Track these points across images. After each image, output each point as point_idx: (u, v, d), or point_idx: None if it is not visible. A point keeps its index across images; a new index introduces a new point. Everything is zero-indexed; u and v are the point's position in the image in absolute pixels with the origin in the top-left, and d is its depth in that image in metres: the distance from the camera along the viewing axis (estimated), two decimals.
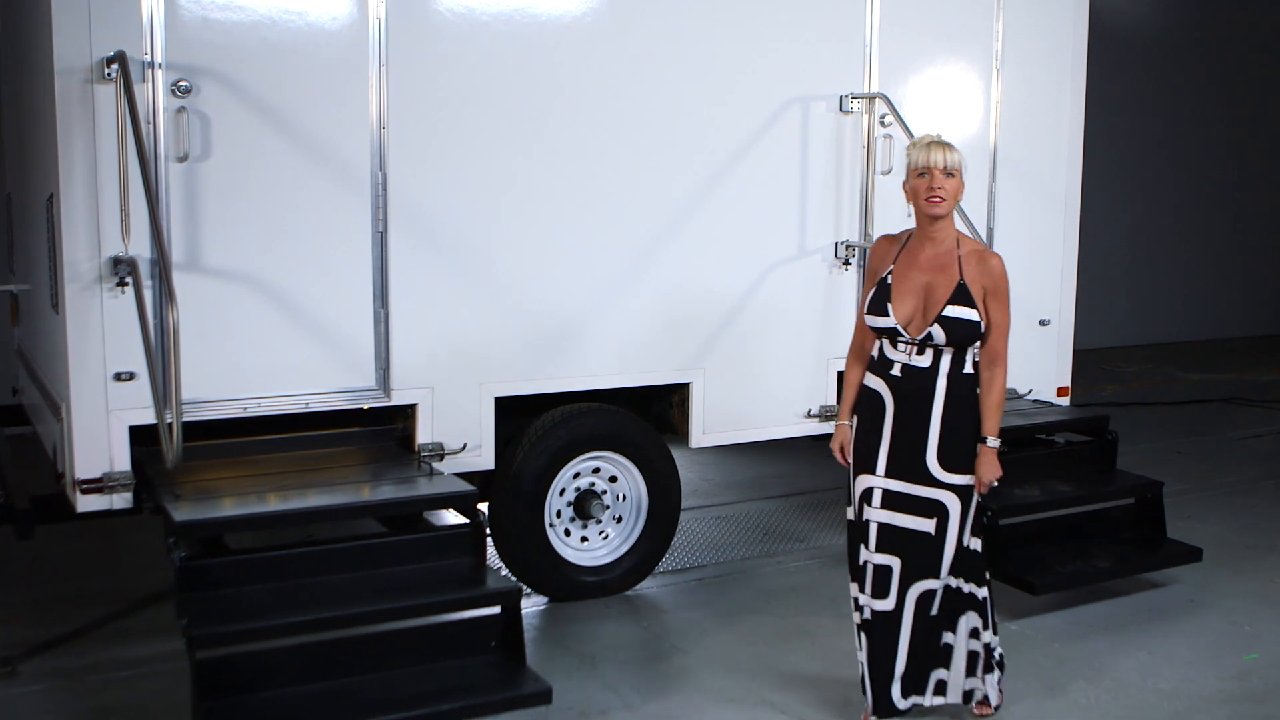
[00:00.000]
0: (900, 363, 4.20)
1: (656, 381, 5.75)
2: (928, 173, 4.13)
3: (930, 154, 4.13)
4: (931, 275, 4.16)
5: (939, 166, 4.11)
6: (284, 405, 4.94)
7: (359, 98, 4.95)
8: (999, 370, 4.21)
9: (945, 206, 4.14)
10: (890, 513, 4.24)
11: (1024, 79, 6.69)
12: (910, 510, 4.23)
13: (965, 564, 4.30)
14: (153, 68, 4.58)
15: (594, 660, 5.03)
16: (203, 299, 4.75)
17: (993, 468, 4.21)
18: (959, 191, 4.17)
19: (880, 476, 4.25)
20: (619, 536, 5.80)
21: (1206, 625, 5.50)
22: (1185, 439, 9.51)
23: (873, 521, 4.26)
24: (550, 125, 5.35)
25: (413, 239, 5.11)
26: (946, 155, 4.12)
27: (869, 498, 4.27)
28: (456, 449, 5.27)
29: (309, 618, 4.12)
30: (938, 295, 4.13)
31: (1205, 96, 14.88)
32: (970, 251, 4.20)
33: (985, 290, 4.15)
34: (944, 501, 4.22)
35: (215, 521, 4.28)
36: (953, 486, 4.21)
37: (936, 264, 4.18)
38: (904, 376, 4.20)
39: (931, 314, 4.13)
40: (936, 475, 4.20)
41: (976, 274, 4.15)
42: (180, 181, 4.68)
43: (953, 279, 4.14)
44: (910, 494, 4.22)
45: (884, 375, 4.25)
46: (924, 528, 4.22)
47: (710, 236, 5.76)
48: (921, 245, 4.23)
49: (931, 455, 4.19)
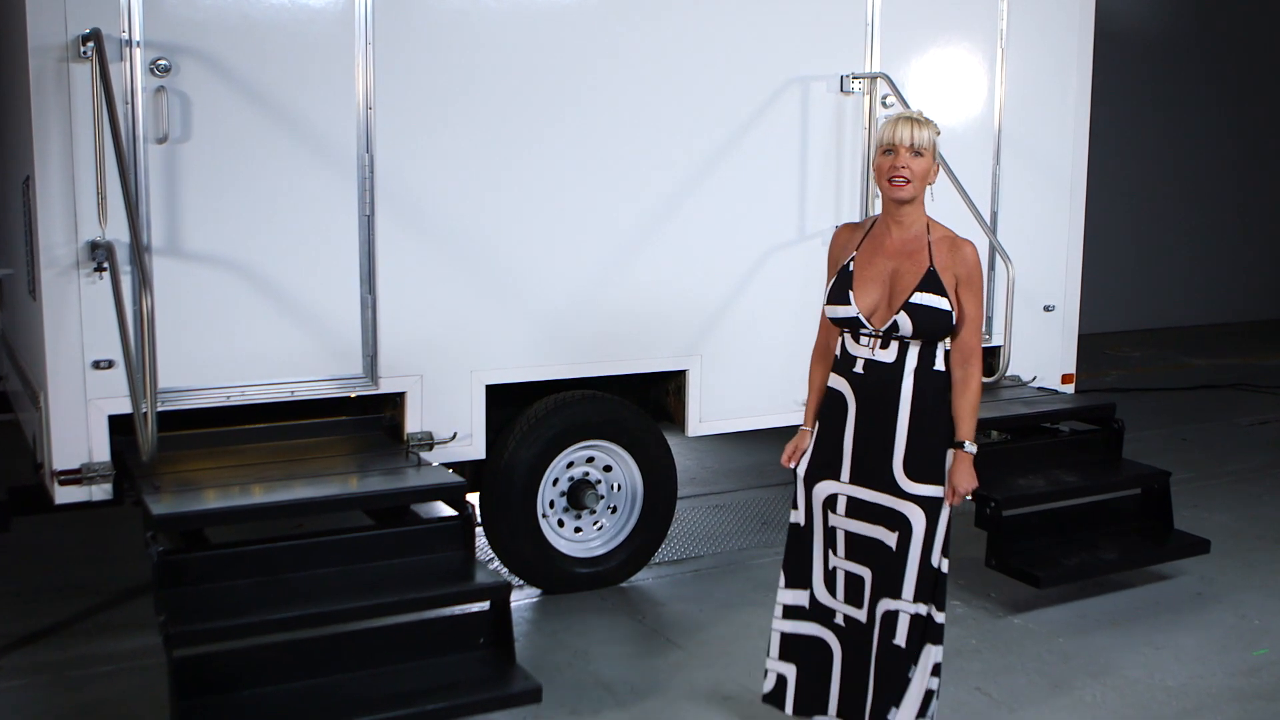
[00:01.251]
0: (863, 358, 3.78)
1: (652, 369, 5.62)
2: (893, 150, 3.72)
3: (897, 130, 3.72)
4: (898, 261, 3.76)
5: (905, 144, 3.71)
6: (268, 394, 4.81)
7: (345, 77, 4.80)
8: (973, 368, 3.77)
9: (910, 189, 3.73)
10: (855, 521, 3.83)
11: (1029, 59, 6.54)
12: (875, 519, 3.80)
13: (929, 585, 3.79)
14: (130, 46, 4.44)
15: (587, 655, 4.91)
16: (184, 284, 4.61)
17: (969, 477, 3.75)
18: (928, 173, 3.76)
19: (844, 483, 3.84)
20: (614, 527, 5.67)
21: (1214, 619, 5.37)
22: (1191, 425, 9.38)
23: (839, 529, 3.87)
24: (544, 106, 5.21)
25: (401, 222, 4.97)
26: (915, 132, 3.72)
27: (833, 504, 3.87)
28: (446, 438, 5.14)
29: (291, 614, 3.99)
30: (905, 282, 3.72)
31: (1209, 80, 14.70)
32: (941, 238, 3.81)
33: (957, 279, 3.74)
34: (907, 515, 3.75)
35: (195, 515, 4.15)
36: (919, 499, 3.74)
37: (904, 250, 3.78)
38: (867, 373, 3.77)
39: (897, 302, 3.71)
40: (902, 485, 3.74)
41: (948, 261, 3.74)
42: (160, 164, 4.54)
43: (921, 265, 3.73)
44: (875, 503, 3.79)
45: (846, 374, 3.83)
46: (887, 540, 3.78)
47: (708, 220, 5.62)
48: (887, 230, 3.83)
49: (898, 463, 3.74)
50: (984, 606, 5.47)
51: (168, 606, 3.92)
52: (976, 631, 5.20)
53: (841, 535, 3.88)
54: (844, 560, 3.89)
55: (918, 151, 3.72)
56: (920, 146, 3.72)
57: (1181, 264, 14.85)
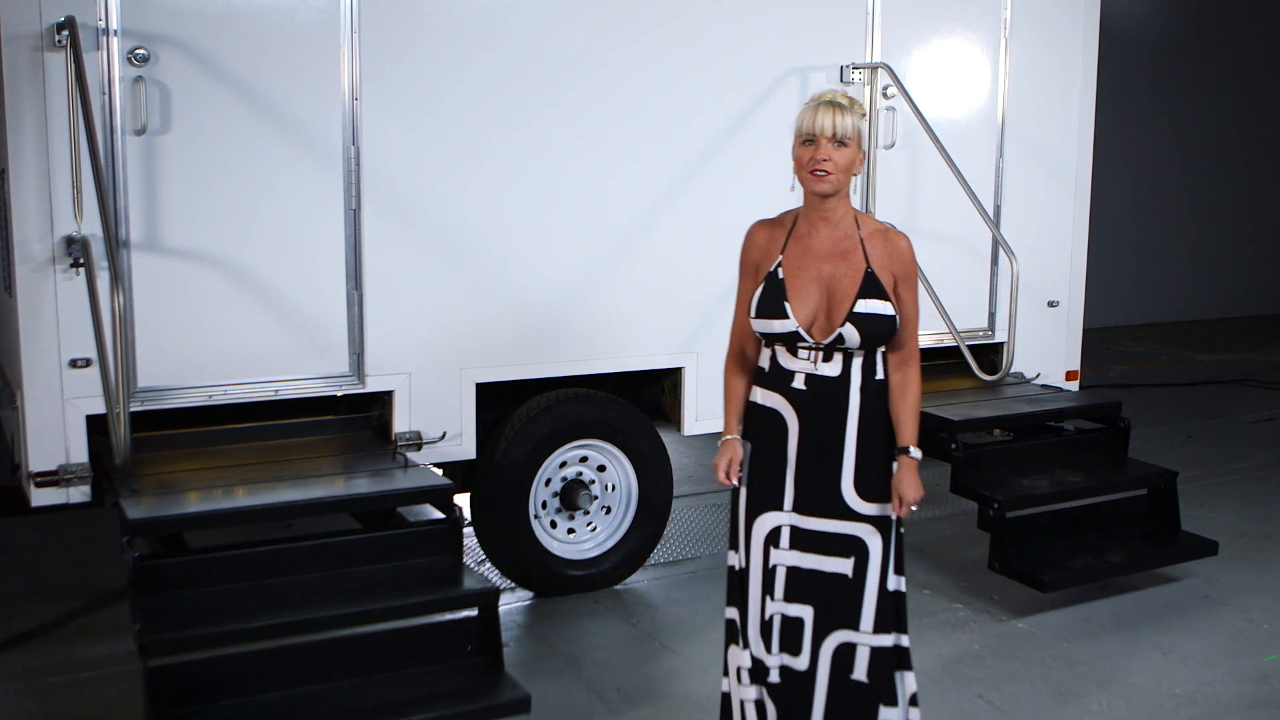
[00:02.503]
0: (803, 373, 3.40)
1: (647, 366, 5.49)
2: (813, 140, 3.33)
3: (817, 117, 3.31)
4: (832, 264, 3.38)
5: (826, 134, 3.30)
6: (252, 393, 4.68)
7: (330, 67, 4.66)
8: (913, 369, 3.46)
9: (832, 182, 3.33)
10: (800, 554, 3.44)
11: (1033, 49, 6.41)
12: (823, 550, 3.44)
13: (889, 611, 3.47)
14: (108, 34, 4.30)
15: (579, 661, 4.78)
16: (164, 280, 4.48)
17: (916, 485, 3.41)
18: (852, 164, 3.36)
19: (788, 512, 3.45)
20: (607, 528, 5.54)
21: (1223, 623, 5.24)
22: (1196, 422, 9.24)
23: (780, 566, 3.45)
24: (535, 97, 5.08)
25: (388, 216, 4.84)
26: (838, 119, 3.30)
27: (775, 539, 3.46)
28: (435, 438, 5.02)
29: (272, 622, 3.86)
30: (844, 288, 3.36)
31: (1214, 73, 14.56)
32: (873, 232, 3.44)
33: (895, 277, 3.40)
34: (863, 538, 3.43)
35: (172, 519, 4.01)
36: (872, 519, 3.43)
37: (836, 250, 3.40)
38: (809, 390, 3.40)
39: (839, 312, 3.35)
40: (853, 506, 3.42)
41: (884, 259, 3.40)
42: (138, 156, 4.41)
43: (859, 267, 3.37)
44: (824, 531, 3.43)
45: (782, 390, 3.43)
46: (839, 569, 3.43)
47: (703, 213, 5.49)
48: (814, 229, 3.43)
49: (848, 484, 3.41)
50: (987, 610, 5.34)
51: (143, 614, 3.79)
52: (979, 636, 5.07)
53: (782, 574, 3.46)
54: (782, 604, 3.47)
55: (841, 141, 3.32)
56: (844, 135, 3.32)
57: (1185, 258, 14.72)
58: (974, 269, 6.39)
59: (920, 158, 6.05)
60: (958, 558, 6.00)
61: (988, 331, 6.43)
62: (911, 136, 5.98)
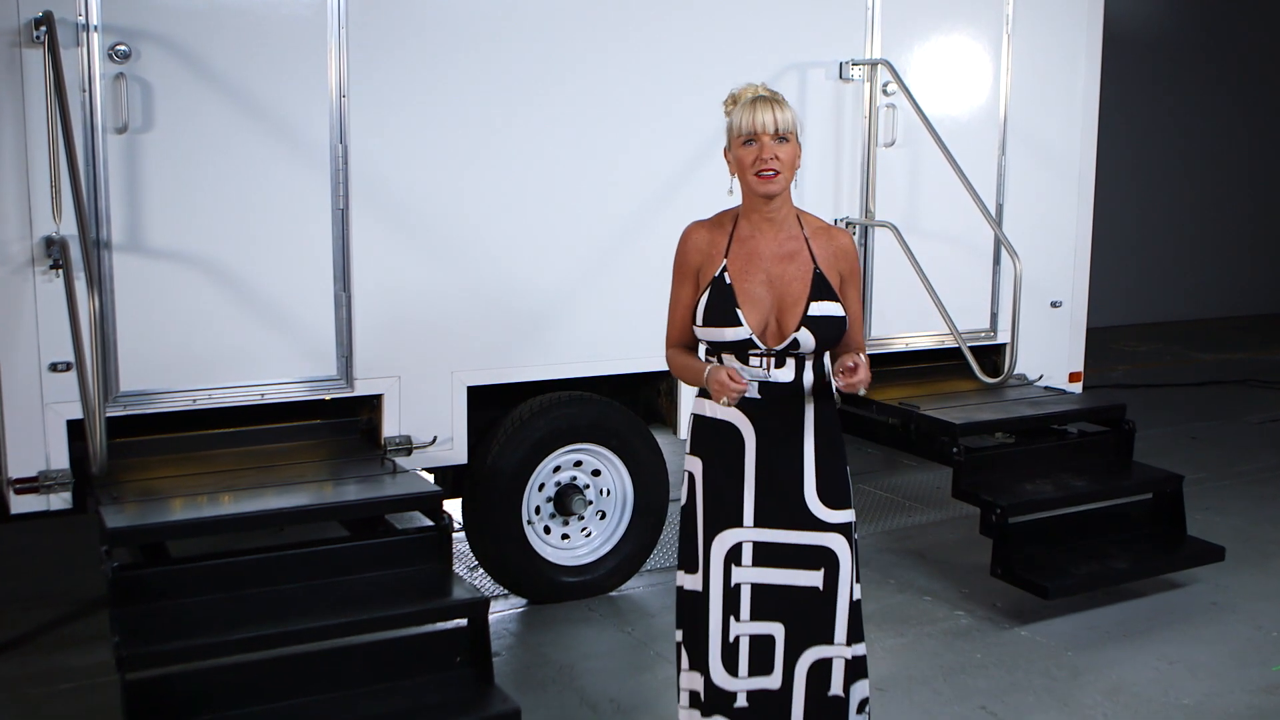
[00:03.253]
0: (756, 381, 3.27)
1: (642, 369, 5.38)
2: (755, 139, 3.19)
3: (756, 114, 3.17)
4: (780, 266, 3.26)
5: (768, 130, 3.17)
6: (237, 397, 4.58)
7: (317, 63, 4.55)
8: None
9: (780, 182, 3.20)
10: (765, 569, 3.30)
11: (1037, 45, 6.29)
12: (791, 563, 3.30)
13: (857, 620, 3.39)
14: (88, 30, 4.19)
15: (571, 671, 4.67)
16: (147, 282, 4.37)
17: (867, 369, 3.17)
18: (796, 159, 3.23)
19: (749, 528, 3.30)
20: (602, 534, 5.44)
21: (1230, 631, 5.14)
22: (1200, 423, 9.13)
23: (744, 585, 3.31)
24: (529, 93, 4.97)
25: (377, 216, 4.73)
26: (778, 114, 3.17)
27: (736, 557, 3.30)
28: (426, 442, 4.91)
29: (255, 634, 3.75)
30: (794, 291, 3.24)
31: (1215, 71, 14.46)
32: (817, 229, 3.33)
33: (841, 276, 3.31)
34: (831, 547, 3.30)
35: (152, 528, 3.91)
36: (838, 526, 3.31)
37: (782, 251, 3.27)
38: (765, 397, 3.26)
39: (791, 316, 3.22)
40: (819, 515, 3.29)
41: (829, 258, 3.29)
42: (120, 155, 4.30)
43: (807, 268, 3.26)
44: (790, 543, 3.30)
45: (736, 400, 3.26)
46: (810, 582, 3.30)
47: (699, 211, 5.35)
48: (757, 230, 3.29)
49: (811, 491, 3.29)
50: (989, 617, 5.23)
51: (122, 625, 3.68)
52: (981, 644, 4.96)
53: (747, 592, 3.31)
54: (749, 623, 3.32)
55: (782, 136, 3.19)
56: (785, 130, 3.18)
57: (1188, 256, 14.61)
58: (976, 269, 6.28)
59: (921, 156, 5.94)
60: (959, 563, 5.89)
61: (989, 332, 6.32)
62: (912, 134, 5.87)
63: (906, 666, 4.75)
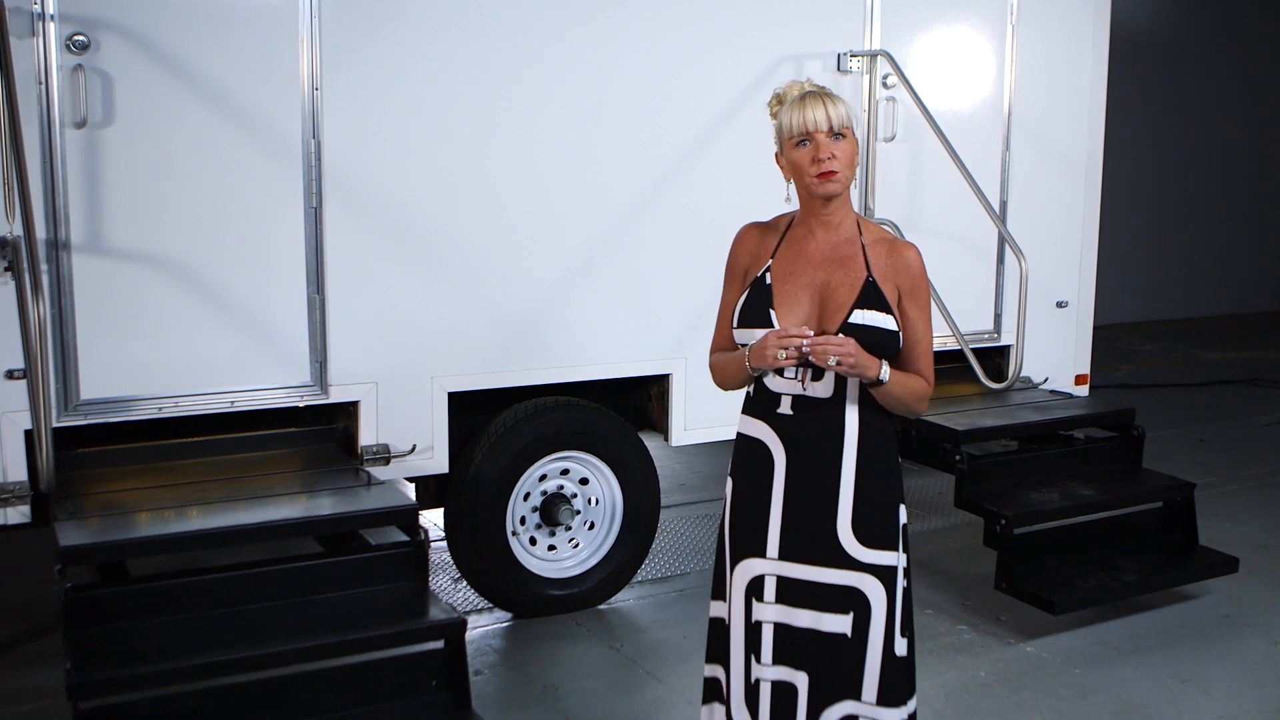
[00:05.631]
0: (790, 395, 2.97)
1: (632, 373, 5.17)
2: (809, 139, 2.95)
3: (808, 112, 2.93)
4: (828, 271, 2.99)
5: (823, 128, 2.93)
6: (205, 404, 4.36)
7: (288, 54, 4.34)
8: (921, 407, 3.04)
9: (841, 180, 2.95)
10: (788, 608, 2.99)
11: (1042, 37, 6.08)
12: (816, 604, 2.98)
13: (900, 680, 3.02)
14: (44, 19, 3.98)
15: (556, 691, 4.46)
16: (109, 284, 4.16)
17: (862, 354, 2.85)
18: (854, 156, 2.98)
19: (772, 560, 3.00)
20: (590, 545, 5.22)
21: (1245, 647, 4.92)
22: (1207, 425, 8.91)
23: (765, 623, 3.01)
24: (513, 87, 4.75)
25: (352, 215, 4.51)
26: (831, 110, 2.93)
27: (758, 590, 3.01)
28: (404, 451, 4.70)
29: (218, 659, 3.54)
30: (840, 296, 2.96)
31: (1221, 69, 14.25)
32: (877, 240, 3.04)
33: (900, 290, 3.00)
34: (863, 590, 2.96)
35: (109, 546, 3.69)
36: (875, 569, 2.97)
37: (834, 256, 3.01)
38: (797, 414, 2.97)
39: (832, 323, 2.95)
40: (852, 553, 2.95)
41: (888, 269, 2.99)
42: (79, 151, 4.08)
43: (858, 275, 2.97)
44: (816, 581, 2.98)
45: (767, 417, 3.01)
46: (838, 628, 2.97)
47: (692, 211, 5.16)
48: (810, 233, 3.04)
49: (844, 525, 2.95)
50: (993, 632, 5.02)
51: (76, 650, 3.47)
52: (985, 661, 4.75)
53: (769, 633, 3.01)
54: (770, 667, 3.01)
55: (838, 133, 2.94)
56: (840, 126, 2.94)
57: (1192, 253, 14.40)
58: (978, 268, 6.06)
59: (922, 151, 5.72)
60: (962, 573, 5.68)
61: (993, 334, 6.11)
62: (913, 128, 5.65)
63: None
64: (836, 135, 2.94)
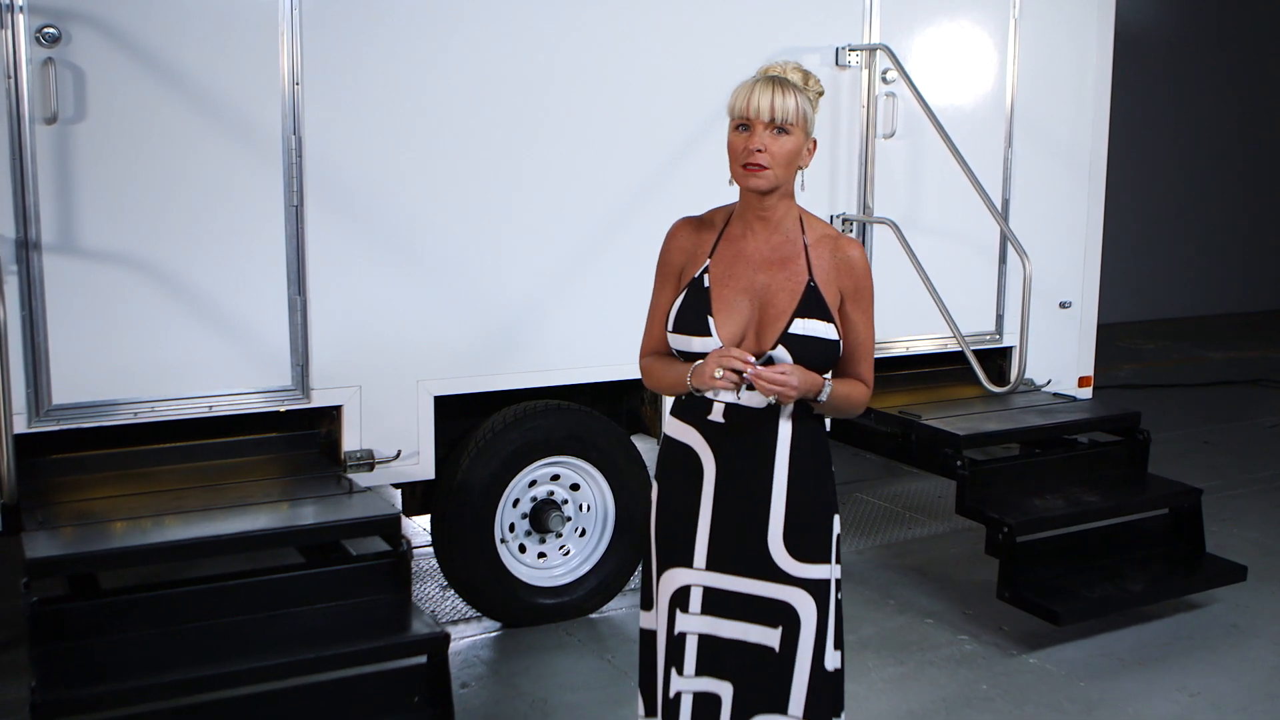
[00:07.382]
0: (722, 402, 2.82)
1: (624, 376, 5.02)
2: (748, 124, 2.77)
3: (754, 97, 2.74)
4: (768, 273, 2.83)
5: (763, 118, 2.74)
6: (182, 409, 4.22)
7: (268, 47, 4.20)
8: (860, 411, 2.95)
9: (767, 178, 2.76)
10: (714, 619, 2.86)
11: (1045, 32, 5.93)
12: (744, 616, 2.85)
13: (826, 695, 2.88)
14: (13, 11, 3.83)
15: (546, 705, 4.33)
16: (82, 285, 4.02)
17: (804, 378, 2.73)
18: (797, 155, 2.80)
19: (699, 570, 2.86)
20: (582, 552, 5.09)
21: (1254, 658, 4.79)
22: (1212, 426, 8.77)
23: (689, 634, 2.87)
24: (501, 82, 4.61)
25: (335, 214, 4.37)
26: (778, 100, 2.73)
27: (683, 601, 2.87)
28: (389, 457, 4.56)
29: (190, 676, 3.41)
30: (779, 303, 2.81)
31: (1223, 68, 14.12)
32: (821, 238, 2.87)
33: (843, 292, 2.86)
34: (793, 604, 2.84)
35: (79, 558, 3.55)
36: (806, 582, 2.84)
37: (774, 258, 2.84)
38: (729, 422, 2.81)
39: (771, 331, 2.79)
40: (782, 566, 2.83)
41: (830, 270, 2.84)
42: (50, 147, 3.94)
43: (799, 279, 2.82)
44: (743, 593, 2.85)
45: (697, 423, 2.85)
46: (764, 640, 2.84)
47: (686, 210, 5.00)
48: (749, 230, 2.87)
49: (775, 538, 2.82)
50: (995, 643, 4.88)
51: (41, 667, 3.34)
52: (987, 674, 4.62)
53: (693, 644, 2.87)
54: (693, 679, 2.86)
55: (781, 128, 2.75)
56: (784, 120, 2.74)
57: (1195, 251, 14.26)
58: (980, 268, 5.92)
59: (922, 147, 5.58)
60: (963, 581, 5.54)
61: (995, 335, 5.97)
62: (913, 125, 5.51)
63: (907, 700, 4.40)
64: (779, 129, 2.76)
